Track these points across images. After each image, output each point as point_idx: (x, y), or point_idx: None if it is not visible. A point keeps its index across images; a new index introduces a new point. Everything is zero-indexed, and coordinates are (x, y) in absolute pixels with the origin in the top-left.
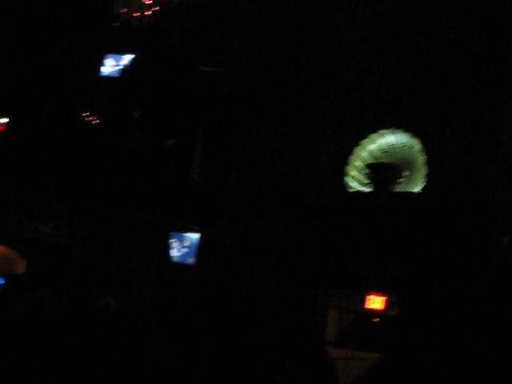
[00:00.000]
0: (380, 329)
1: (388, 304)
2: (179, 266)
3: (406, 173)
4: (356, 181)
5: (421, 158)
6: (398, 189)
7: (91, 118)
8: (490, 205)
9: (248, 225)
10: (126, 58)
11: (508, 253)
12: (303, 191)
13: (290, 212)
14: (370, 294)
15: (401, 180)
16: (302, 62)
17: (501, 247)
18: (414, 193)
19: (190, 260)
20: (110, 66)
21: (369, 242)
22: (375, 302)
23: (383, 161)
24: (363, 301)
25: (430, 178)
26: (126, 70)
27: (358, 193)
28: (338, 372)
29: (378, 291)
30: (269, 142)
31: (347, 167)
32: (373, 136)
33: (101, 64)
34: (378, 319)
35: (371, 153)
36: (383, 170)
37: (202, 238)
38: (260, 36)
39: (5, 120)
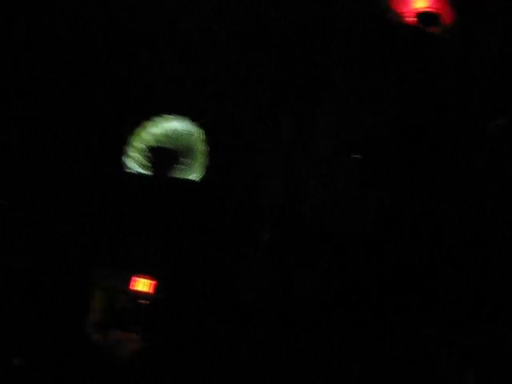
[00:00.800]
0: (148, 312)
1: (155, 287)
2: None
3: (187, 160)
4: (136, 162)
5: (203, 148)
6: (177, 175)
7: None
8: (259, 202)
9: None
10: None
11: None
12: (82, 170)
13: (65, 191)
14: (137, 276)
15: (181, 167)
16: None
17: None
18: (191, 180)
19: None
20: None
21: (141, 224)
22: (141, 284)
23: (165, 145)
24: (130, 282)
25: (210, 168)
26: None
27: (136, 174)
28: (105, 354)
29: (146, 273)
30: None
31: (128, 148)
32: (157, 119)
33: None
34: (146, 302)
35: (153, 136)
36: (164, 155)
37: None
38: None
39: None
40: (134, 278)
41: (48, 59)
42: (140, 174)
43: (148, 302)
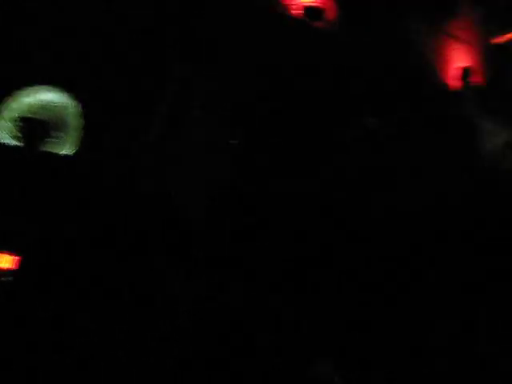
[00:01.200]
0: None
1: (19, 263)
2: None
3: (60, 133)
4: (6, 132)
5: (77, 121)
6: (49, 148)
7: None
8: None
9: None
10: None
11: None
12: None
13: None
14: None
15: (53, 140)
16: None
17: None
18: (63, 154)
19: None
20: None
21: (11, 198)
22: (3, 261)
23: (38, 116)
24: None
25: (84, 142)
26: None
27: (4, 145)
28: None
29: (7, 250)
30: None
31: None
32: (30, 89)
33: None
34: (7, 279)
35: (26, 106)
36: (35, 126)
37: None
38: None
39: None
40: None
41: None
42: (8, 145)
43: (8, 279)
